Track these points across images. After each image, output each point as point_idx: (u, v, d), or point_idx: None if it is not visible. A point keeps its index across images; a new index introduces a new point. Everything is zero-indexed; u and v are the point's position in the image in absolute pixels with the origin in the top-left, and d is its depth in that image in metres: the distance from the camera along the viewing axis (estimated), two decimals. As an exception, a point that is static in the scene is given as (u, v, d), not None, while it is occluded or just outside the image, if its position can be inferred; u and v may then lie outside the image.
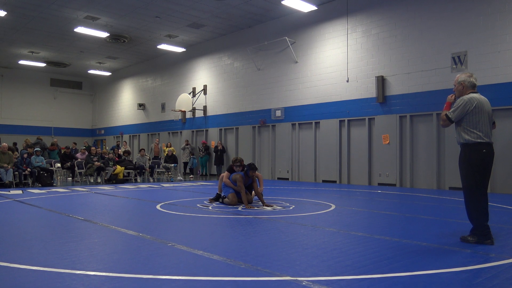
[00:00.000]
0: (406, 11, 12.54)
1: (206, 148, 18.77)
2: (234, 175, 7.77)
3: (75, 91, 28.45)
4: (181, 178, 16.08)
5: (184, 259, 3.82)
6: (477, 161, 4.45)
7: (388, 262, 3.70)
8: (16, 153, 13.51)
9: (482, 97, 4.61)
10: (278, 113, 16.08)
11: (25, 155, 13.12)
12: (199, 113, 20.00)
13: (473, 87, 4.63)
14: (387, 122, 12.90)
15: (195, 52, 20.30)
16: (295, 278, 3.18)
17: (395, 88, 12.77)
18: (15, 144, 17.45)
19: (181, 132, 21.24)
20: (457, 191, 10.96)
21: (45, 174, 12.86)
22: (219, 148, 17.99)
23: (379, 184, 13.05)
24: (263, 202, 7.61)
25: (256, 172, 7.94)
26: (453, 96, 4.73)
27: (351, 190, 11.53)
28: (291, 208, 7.37)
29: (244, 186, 7.68)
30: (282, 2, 13.75)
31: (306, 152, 15.44)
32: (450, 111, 4.58)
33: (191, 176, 17.74)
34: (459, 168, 4.65)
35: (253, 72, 17.31)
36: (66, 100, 28.04)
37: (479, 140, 4.44)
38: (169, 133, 22.01)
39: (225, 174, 8.08)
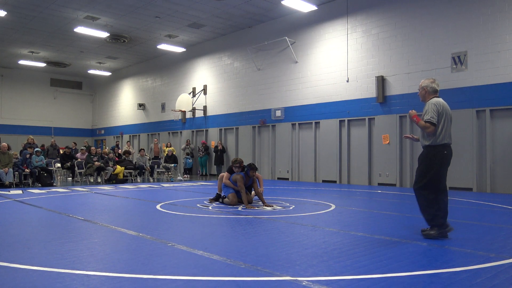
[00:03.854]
0: (406, 11, 12.55)
1: (206, 148, 18.76)
2: (235, 176, 7.76)
3: (75, 91, 28.45)
4: (181, 178, 16.09)
5: (184, 259, 3.82)
6: (438, 162, 4.73)
7: (388, 262, 3.70)
8: (16, 153, 13.51)
9: (444, 101, 4.90)
10: (278, 113, 16.08)
11: (28, 156, 13.12)
12: (199, 113, 20.00)
13: (435, 92, 4.94)
14: (387, 122, 12.90)
15: (195, 52, 20.30)
16: (295, 278, 3.18)
17: (395, 88, 12.77)
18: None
19: (181, 132, 21.25)
20: (457, 191, 10.97)
21: (45, 174, 12.86)
22: (219, 148, 17.99)
23: (379, 184, 13.05)
24: (263, 202, 7.61)
25: (256, 172, 7.94)
26: (414, 110, 5.04)
27: (351, 190, 11.53)
28: (291, 208, 7.37)
29: (244, 187, 7.68)
30: (282, 2, 13.75)
31: (306, 152, 15.44)
32: (426, 117, 4.73)
33: (185, 175, 17.72)
34: (418, 165, 4.93)
35: (253, 72, 17.32)
36: (66, 100, 28.03)
37: (442, 142, 4.71)
38: (169, 133, 22.01)
39: (225, 174, 8.06)
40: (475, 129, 11.09)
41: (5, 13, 15.33)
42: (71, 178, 15.40)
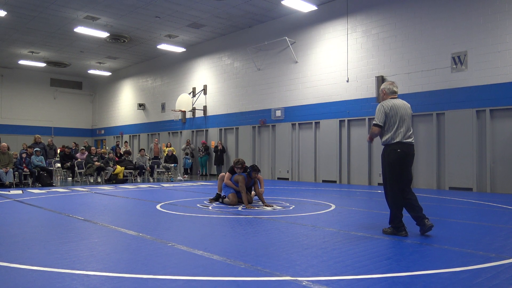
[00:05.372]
0: (406, 11, 12.55)
1: (206, 148, 18.77)
2: (236, 176, 7.75)
3: (75, 91, 28.45)
4: (181, 178, 16.09)
5: (184, 259, 3.82)
6: (393, 160, 4.85)
7: (388, 262, 3.70)
8: (16, 153, 13.51)
9: (400, 102, 5.02)
10: (278, 113, 16.08)
11: (24, 155, 13.11)
12: (199, 113, 20.00)
13: (393, 94, 5.10)
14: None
15: (195, 52, 20.30)
16: (295, 278, 3.18)
17: (395, 88, 12.76)
18: None
19: (181, 132, 21.25)
20: (457, 191, 10.97)
21: (45, 174, 12.86)
22: (219, 148, 17.99)
23: (379, 184, 13.04)
24: (263, 202, 7.61)
25: (258, 174, 7.96)
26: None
27: (351, 190, 11.53)
28: (291, 208, 7.37)
29: (245, 187, 7.68)
30: (282, 2, 13.75)
31: (306, 152, 15.44)
32: (374, 122, 5.00)
33: (185, 175, 17.73)
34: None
35: (253, 72, 17.32)
36: (66, 100, 28.04)
37: (394, 141, 4.85)
38: (169, 133, 22.01)
39: (226, 175, 8.05)
40: (475, 129, 11.09)
41: (5, 13, 15.32)
42: (71, 178, 15.40)
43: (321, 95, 14.76)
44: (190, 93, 19.80)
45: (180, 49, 20.36)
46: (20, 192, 10.64)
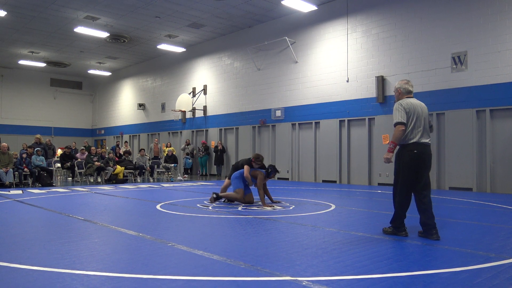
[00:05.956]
0: (406, 11, 12.55)
1: (206, 148, 18.77)
2: (256, 172, 7.80)
3: (75, 91, 28.45)
4: (181, 178, 16.08)
5: (184, 259, 3.82)
6: (408, 161, 4.74)
7: (388, 262, 3.70)
8: (16, 153, 13.51)
9: (416, 101, 4.88)
10: (278, 113, 16.08)
11: (24, 155, 13.11)
12: (199, 113, 20.00)
13: (409, 93, 4.94)
14: (387, 122, 12.89)
15: (195, 52, 20.30)
16: (295, 278, 3.18)
17: (395, 88, 12.76)
18: None
19: (181, 132, 21.24)
20: (457, 191, 10.97)
21: (45, 174, 12.85)
22: (219, 148, 17.99)
23: (379, 184, 13.05)
24: (270, 199, 7.92)
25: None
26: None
27: (351, 190, 11.53)
28: (291, 208, 7.37)
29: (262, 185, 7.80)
30: (282, 2, 13.75)
31: (306, 152, 15.44)
32: (394, 122, 4.75)
33: (185, 175, 17.72)
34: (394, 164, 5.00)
35: (253, 72, 17.32)
36: (66, 100, 28.03)
37: (411, 141, 4.73)
38: (169, 133, 22.01)
39: (246, 167, 7.96)
40: (475, 129, 11.09)
41: (5, 13, 15.32)
42: (71, 178, 15.40)
43: (321, 95, 14.76)
44: (190, 93, 19.79)
45: (180, 49, 20.36)
46: (20, 192, 10.64)
